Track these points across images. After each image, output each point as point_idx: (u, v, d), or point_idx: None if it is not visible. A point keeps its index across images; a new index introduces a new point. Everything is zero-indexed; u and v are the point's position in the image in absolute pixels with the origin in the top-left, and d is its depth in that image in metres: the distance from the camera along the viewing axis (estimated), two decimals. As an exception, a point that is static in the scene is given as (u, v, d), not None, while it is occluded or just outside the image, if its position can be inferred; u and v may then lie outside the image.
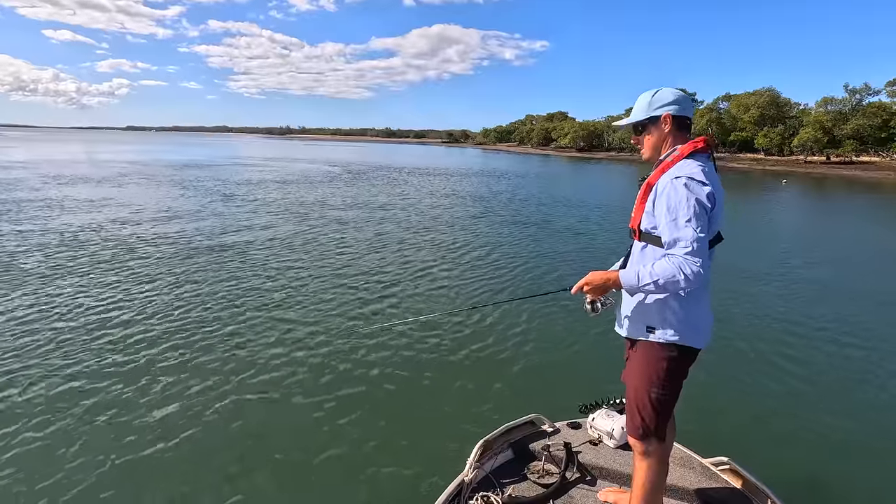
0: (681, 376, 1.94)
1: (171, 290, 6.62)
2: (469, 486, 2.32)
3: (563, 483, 2.39)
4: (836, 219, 18.07)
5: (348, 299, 6.52)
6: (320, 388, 4.23)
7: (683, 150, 1.86)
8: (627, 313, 1.98)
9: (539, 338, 5.45)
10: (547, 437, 2.67)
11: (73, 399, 3.91)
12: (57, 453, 3.27)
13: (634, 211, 1.94)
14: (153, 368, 4.45)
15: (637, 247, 1.95)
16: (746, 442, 3.62)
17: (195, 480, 3.07)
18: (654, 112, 1.92)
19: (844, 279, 8.55)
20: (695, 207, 1.72)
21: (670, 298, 1.86)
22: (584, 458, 2.56)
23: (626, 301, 1.99)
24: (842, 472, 3.40)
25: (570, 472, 2.46)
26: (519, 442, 2.64)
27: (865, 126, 52.94)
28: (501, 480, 2.39)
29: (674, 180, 1.77)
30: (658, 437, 1.96)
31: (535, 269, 8.53)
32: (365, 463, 3.28)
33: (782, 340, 5.55)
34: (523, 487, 2.37)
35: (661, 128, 1.92)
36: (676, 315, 1.87)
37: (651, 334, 1.90)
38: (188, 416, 3.74)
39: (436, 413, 3.88)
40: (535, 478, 2.42)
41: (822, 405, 4.25)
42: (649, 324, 1.91)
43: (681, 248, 1.71)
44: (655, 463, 2.00)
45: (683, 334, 1.87)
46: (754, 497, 2.32)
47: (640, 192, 1.93)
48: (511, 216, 14.65)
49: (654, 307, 1.89)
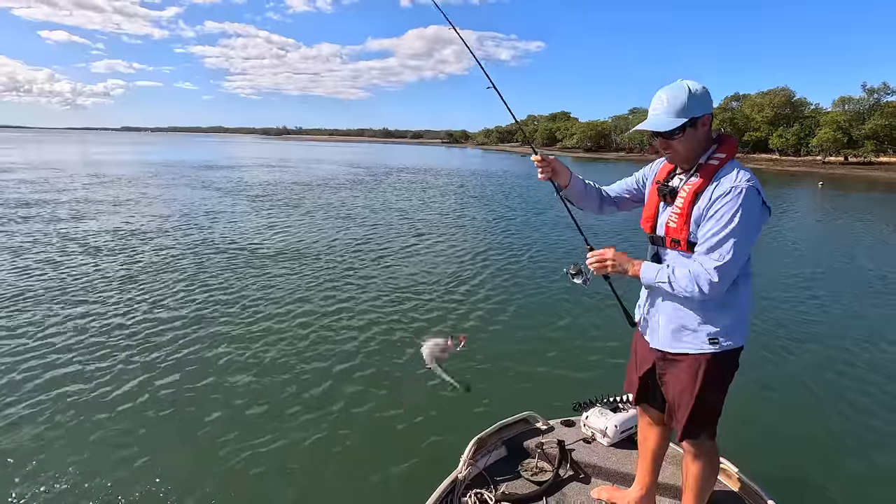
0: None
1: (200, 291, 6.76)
2: (462, 483, 2.34)
3: (557, 480, 2.41)
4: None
5: (338, 297, 6.60)
6: (313, 384, 4.31)
7: (729, 152, 1.74)
8: (678, 326, 1.83)
9: (533, 336, 5.48)
10: (541, 435, 2.69)
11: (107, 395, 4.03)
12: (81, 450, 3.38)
13: (677, 219, 1.78)
14: (144, 364, 4.56)
15: (672, 254, 1.83)
16: (741, 444, 3.60)
17: (186, 470, 3.15)
18: (696, 113, 1.70)
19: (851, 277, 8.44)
20: (755, 223, 1.66)
21: (732, 303, 1.76)
22: (577, 455, 2.58)
23: (677, 313, 1.83)
24: (836, 474, 3.39)
25: (564, 469, 2.48)
26: (513, 439, 2.66)
27: (883, 126, 51.89)
28: (495, 478, 2.41)
29: (747, 189, 1.63)
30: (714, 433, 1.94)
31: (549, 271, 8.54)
32: (358, 459, 3.33)
33: (779, 342, 5.51)
34: (517, 485, 2.39)
35: (700, 129, 1.73)
36: (737, 319, 1.78)
37: (714, 345, 1.78)
38: (176, 404, 3.84)
39: (430, 410, 3.92)
40: (528, 475, 2.44)
41: (818, 408, 4.23)
42: (712, 335, 1.78)
43: (713, 262, 1.64)
44: (715, 459, 2.01)
45: (741, 335, 1.81)
46: (748, 498, 2.32)
47: (685, 201, 1.75)
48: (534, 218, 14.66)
49: (715, 316, 1.76)
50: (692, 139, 1.73)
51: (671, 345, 1.86)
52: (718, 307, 1.77)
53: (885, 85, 55.24)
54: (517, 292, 7.12)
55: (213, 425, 3.68)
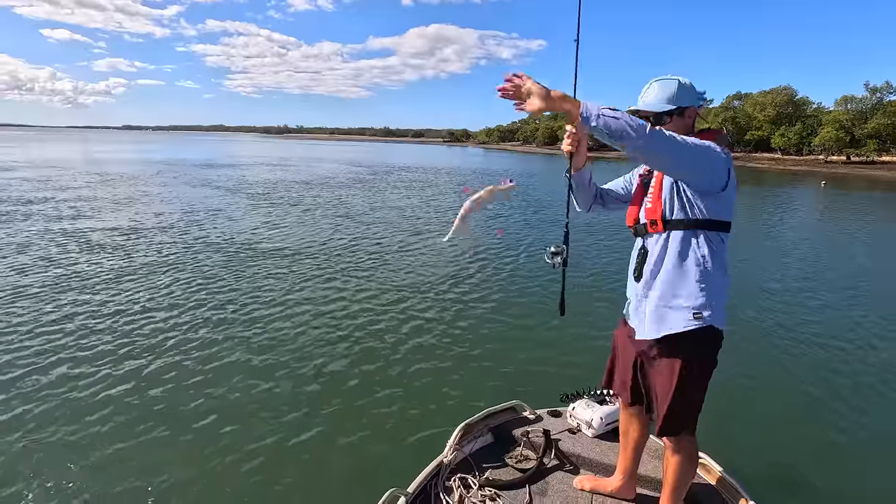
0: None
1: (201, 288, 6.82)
2: (447, 468, 2.39)
3: (541, 469, 2.44)
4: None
5: (331, 286, 6.66)
6: (303, 366, 4.41)
7: (709, 139, 1.78)
8: (664, 309, 1.85)
9: (523, 326, 5.55)
10: (527, 424, 2.73)
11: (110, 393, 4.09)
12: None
13: (652, 198, 1.86)
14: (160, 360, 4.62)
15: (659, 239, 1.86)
16: (721, 438, 3.61)
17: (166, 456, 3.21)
18: (684, 102, 1.82)
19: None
20: (710, 146, 1.69)
21: (713, 275, 1.80)
22: (562, 445, 2.62)
23: (661, 293, 1.86)
24: (815, 472, 3.39)
25: (548, 458, 2.51)
26: (499, 427, 2.70)
27: (886, 125, 51.71)
28: (480, 464, 2.45)
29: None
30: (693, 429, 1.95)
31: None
32: (345, 439, 3.41)
33: (766, 338, 5.53)
34: (501, 472, 2.43)
35: (686, 120, 1.85)
36: (718, 297, 1.81)
37: (698, 321, 1.79)
38: (169, 402, 3.90)
39: (419, 396, 3.99)
40: (513, 462, 2.48)
41: (800, 404, 4.24)
42: (696, 309, 1.79)
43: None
44: (694, 454, 2.02)
45: (721, 315, 1.82)
46: (726, 493, 2.33)
47: (656, 178, 1.86)
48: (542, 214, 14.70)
49: (697, 293, 1.79)
50: (679, 127, 1.82)
51: (657, 329, 1.87)
52: (699, 285, 1.80)
53: (887, 84, 55.07)
54: (511, 286, 7.17)
55: (205, 417, 3.72)
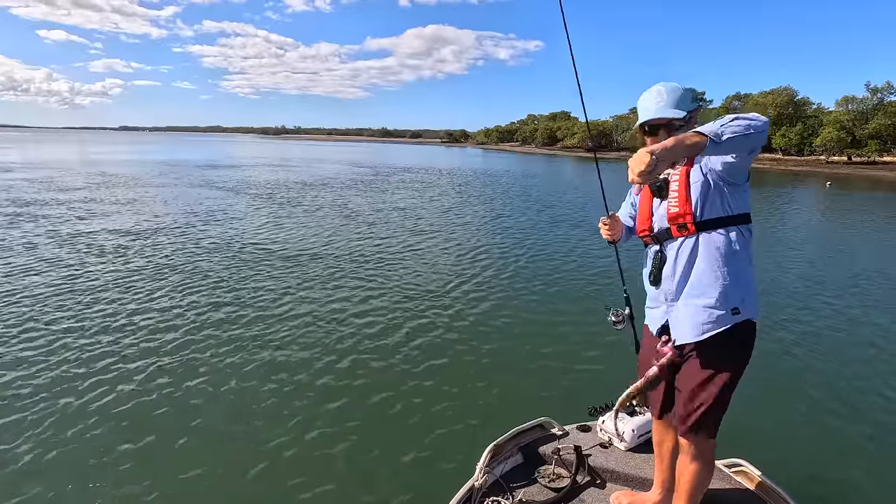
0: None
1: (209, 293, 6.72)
2: (479, 491, 2.30)
3: (574, 487, 2.37)
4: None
5: (355, 299, 6.56)
6: (328, 389, 4.25)
7: None
8: (702, 305, 1.78)
9: (548, 340, 5.41)
10: (557, 441, 2.64)
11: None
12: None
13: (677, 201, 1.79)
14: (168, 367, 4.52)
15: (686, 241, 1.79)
16: (761, 444, 3.56)
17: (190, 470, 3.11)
18: (692, 107, 1.81)
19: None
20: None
21: (745, 268, 1.76)
22: (594, 461, 2.53)
23: (697, 294, 1.79)
24: (856, 474, 3.35)
25: (581, 475, 2.44)
26: (528, 446, 2.62)
27: (887, 125, 51.73)
28: (511, 485, 2.37)
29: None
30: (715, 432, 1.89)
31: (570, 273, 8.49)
32: (373, 467, 3.28)
33: (800, 340, 5.46)
34: (534, 491, 2.36)
35: (692, 124, 1.80)
36: (751, 285, 1.78)
37: (737, 316, 1.75)
38: (192, 410, 3.79)
39: (445, 417, 3.87)
40: (545, 482, 2.40)
41: (838, 407, 4.18)
42: (734, 305, 1.75)
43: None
44: (712, 459, 1.99)
45: (755, 307, 1.80)
46: (768, 499, 2.28)
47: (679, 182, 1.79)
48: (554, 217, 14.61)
49: (732, 285, 1.74)
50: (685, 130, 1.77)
51: (700, 331, 1.79)
52: (735, 281, 1.75)
53: (888, 84, 55.06)
54: (529, 295, 7.07)
55: (219, 428, 3.64)
